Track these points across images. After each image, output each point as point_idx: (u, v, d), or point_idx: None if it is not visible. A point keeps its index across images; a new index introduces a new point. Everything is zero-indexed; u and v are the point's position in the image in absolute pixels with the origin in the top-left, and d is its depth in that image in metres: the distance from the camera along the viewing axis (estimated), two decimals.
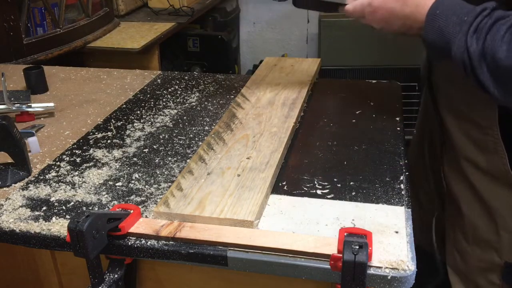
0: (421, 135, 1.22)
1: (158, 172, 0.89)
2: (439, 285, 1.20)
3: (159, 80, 1.34)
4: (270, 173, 0.83)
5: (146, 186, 0.85)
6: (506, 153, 0.91)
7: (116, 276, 0.74)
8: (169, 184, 0.85)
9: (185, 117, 1.11)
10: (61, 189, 0.85)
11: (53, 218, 0.77)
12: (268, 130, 0.97)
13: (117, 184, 0.86)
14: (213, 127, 1.03)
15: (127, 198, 0.82)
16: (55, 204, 0.81)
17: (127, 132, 1.05)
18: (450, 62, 0.80)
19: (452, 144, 1.01)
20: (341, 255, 0.63)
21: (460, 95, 0.97)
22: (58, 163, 0.94)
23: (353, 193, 0.81)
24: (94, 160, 0.94)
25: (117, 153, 0.97)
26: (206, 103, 1.18)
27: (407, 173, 0.86)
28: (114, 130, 1.06)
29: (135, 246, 0.72)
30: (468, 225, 1.02)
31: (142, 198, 0.82)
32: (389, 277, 0.64)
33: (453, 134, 1.00)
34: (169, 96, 1.23)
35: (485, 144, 0.93)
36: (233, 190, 0.79)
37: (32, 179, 0.89)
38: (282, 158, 0.90)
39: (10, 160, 0.89)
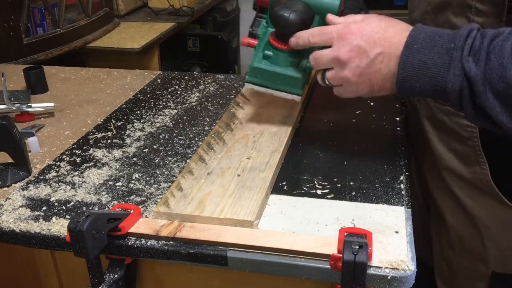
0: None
1: (158, 172, 0.89)
2: None
3: (159, 80, 1.34)
4: (270, 173, 0.83)
5: (146, 186, 0.85)
6: (487, 163, 0.89)
7: (116, 276, 0.74)
8: (169, 184, 0.85)
9: (185, 117, 1.11)
10: (61, 189, 0.85)
11: (53, 218, 0.77)
12: (268, 130, 0.97)
13: (117, 184, 0.86)
14: (213, 127, 1.03)
15: (127, 198, 0.82)
16: (55, 204, 0.81)
17: (127, 132, 1.05)
18: (437, 98, 0.74)
19: (433, 153, 0.99)
20: (341, 255, 0.63)
21: (440, 105, 0.94)
22: (58, 163, 0.94)
23: (353, 193, 0.81)
24: (94, 160, 0.94)
25: (117, 153, 0.97)
26: (206, 103, 1.18)
27: (407, 173, 0.86)
28: (114, 130, 1.06)
29: (135, 246, 0.72)
30: (453, 236, 1.00)
31: (142, 198, 0.82)
32: (389, 277, 0.64)
33: (434, 144, 0.97)
34: (169, 96, 1.23)
35: (466, 155, 0.91)
36: (233, 190, 0.79)
37: (32, 179, 0.89)
38: (282, 158, 0.90)
39: (10, 160, 0.89)
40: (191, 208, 0.75)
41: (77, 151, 0.98)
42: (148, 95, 1.24)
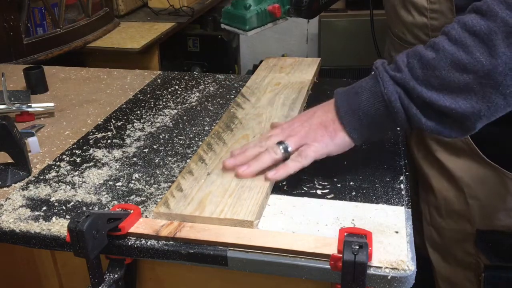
0: None
1: (158, 172, 0.89)
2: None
3: (159, 80, 1.34)
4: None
5: (146, 186, 0.85)
6: None
7: (116, 276, 0.74)
8: (169, 184, 0.85)
9: (185, 117, 1.11)
10: (61, 189, 0.85)
11: (53, 218, 0.77)
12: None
13: (117, 184, 0.86)
14: (213, 127, 1.03)
15: (127, 198, 0.82)
16: (55, 204, 0.81)
17: (127, 132, 1.05)
18: (385, 118, 0.78)
19: None
20: (341, 255, 0.63)
21: None
22: (58, 163, 0.94)
23: (353, 193, 0.81)
24: (94, 160, 0.94)
25: (117, 153, 0.97)
26: (206, 103, 1.18)
27: (407, 173, 0.86)
28: (114, 130, 1.06)
29: (135, 246, 0.72)
30: (439, 199, 1.05)
31: (142, 198, 0.82)
32: (389, 277, 0.64)
33: None
34: (169, 96, 1.23)
35: None
36: (233, 190, 0.79)
37: (32, 179, 0.89)
38: None
39: (10, 160, 0.89)
40: (191, 208, 0.75)
41: (77, 151, 0.98)
42: (148, 95, 1.24)
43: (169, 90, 1.27)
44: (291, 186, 0.83)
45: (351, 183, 0.83)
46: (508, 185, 0.96)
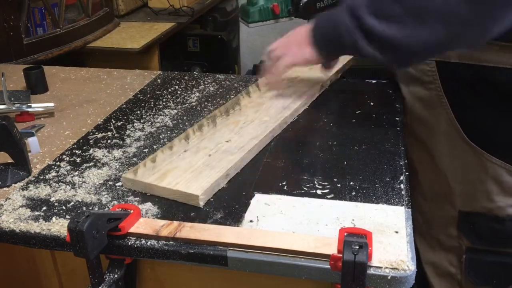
0: None
1: None
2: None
3: (159, 80, 1.34)
4: (239, 156, 0.86)
5: None
6: (450, 107, 1.00)
7: (116, 276, 0.74)
8: None
9: (185, 117, 1.11)
10: (61, 189, 0.85)
11: (53, 218, 0.77)
12: (260, 119, 0.99)
13: (117, 184, 0.86)
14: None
15: (127, 198, 0.82)
16: (55, 204, 0.81)
17: (127, 132, 1.05)
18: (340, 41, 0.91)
19: (406, 108, 1.11)
20: (341, 255, 0.63)
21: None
22: (58, 163, 0.94)
23: (353, 193, 0.81)
24: (94, 160, 0.94)
25: (117, 153, 0.97)
26: (206, 103, 1.18)
27: (407, 173, 0.86)
28: (114, 130, 1.06)
29: (135, 246, 0.72)
30: (423, 184, 1.11)
31: (142, 198, 0.82)
32: (389, 277, 0.64)
33: (405, 97, 1.11)
34: (169, 96, 1.23)
35: (430, 99, 1.03)
36: (197, 167, 0.84)
37: (32, 179, 0.89)
38: (261, 145, 0.92)
39: (10, 160, 0.89)
40: (153, 178, 0.80)
41: (77, 151, 0.98)
42: (148, 95, 1.24)
43: (169, 90, 1.27)
44: (291, 186, 0.83)
45: (351, 183, 0.83)
46: (488, 168, 1.00)
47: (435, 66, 1.00)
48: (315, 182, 0.84)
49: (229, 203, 0.79)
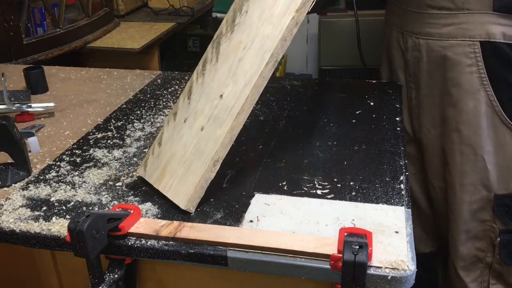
0: None
1: None
2: None
3: (159, 80, 1.34)
4: (224, 131, 0.78)
5: None
6: (491, 87, 1.01)
7: (116, 276, 0.74)
8: None
9: None
10: (61, 189, 0.85)
11: (53, 218, 0.77)
12: (261, 34, 0.82)
13: (117, 184, 0.86)
14: None
15: (127, 198, 0.82)
16: (55, 204, 0.81)
17: (127, 132, 1.05)
18: None
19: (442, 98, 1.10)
20: (341, 255, 0.63)
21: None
22: (58, 163, 0.94)
23: (353, 193, 0.81)
24: (94, 160, 0.94)
25: (117, 153, 0.97)
26: None
27: (407, 173, 0.86)
28: (114, 130, 1.06)
29: (135, 246, 0.72)
30: (453, 175, 1.11)
31: (142, 198, 0.82)
32: (389, 277, 0.64)
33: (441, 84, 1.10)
34: (169, 96, 1.23)
35: (470, 82, 1.03)
36: (188, 155, 0.82)
37: (32, 179, 0.89)
38: (253, 99, 0.79)
39: (10, 160, 0.89)
40: (155, 176, 0.83)
41: (77, 151, 0.98)
42: (148, 95, 1.24)
43: (169, 90, 1.27)
44: (291, 186, 0.83)
45: (351, 183, 0.83)
46: None
47: (479, 47, 1.01)
48: (315, 182, 0.84)
49: (229, 203, 0.79)
